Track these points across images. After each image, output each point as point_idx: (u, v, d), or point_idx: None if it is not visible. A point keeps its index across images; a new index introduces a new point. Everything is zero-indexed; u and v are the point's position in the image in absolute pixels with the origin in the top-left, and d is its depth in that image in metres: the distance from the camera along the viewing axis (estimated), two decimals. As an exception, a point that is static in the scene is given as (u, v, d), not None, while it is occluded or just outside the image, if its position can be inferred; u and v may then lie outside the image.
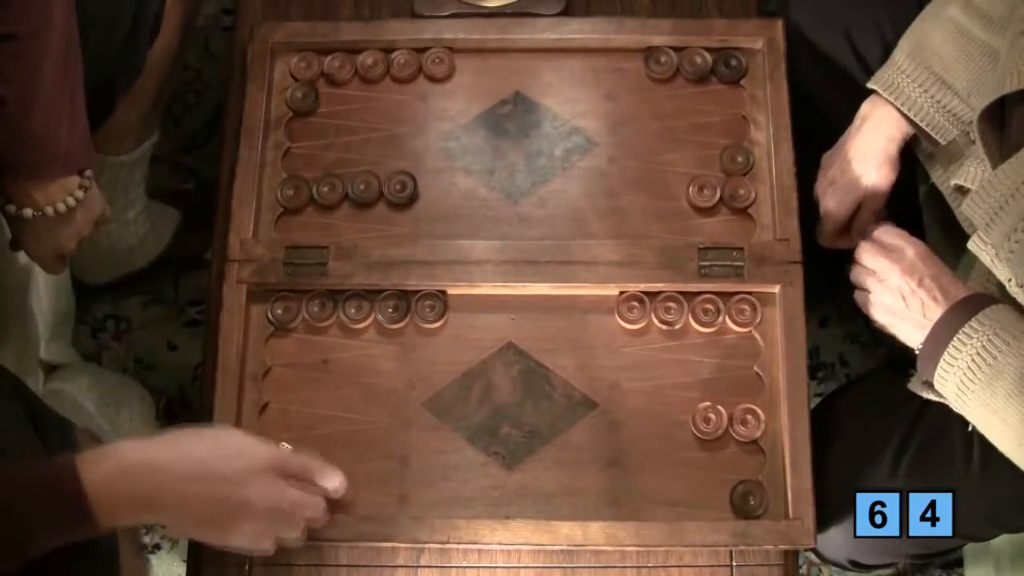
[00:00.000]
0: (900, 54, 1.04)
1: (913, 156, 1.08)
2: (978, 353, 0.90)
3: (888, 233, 1.00)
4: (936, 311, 0.94)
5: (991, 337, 0.89)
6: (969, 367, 0.90)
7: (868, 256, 1.00)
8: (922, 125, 1.02)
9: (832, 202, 1.08)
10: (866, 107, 1.07)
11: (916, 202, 1.20)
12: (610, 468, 1.02)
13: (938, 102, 1.01)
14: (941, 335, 0.93)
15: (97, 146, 1.23)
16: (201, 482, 0.84)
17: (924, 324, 0.95)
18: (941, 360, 0.92)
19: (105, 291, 1.47)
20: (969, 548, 1.28)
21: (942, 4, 1.02)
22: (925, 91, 1.01)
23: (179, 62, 1.26)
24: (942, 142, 1.03)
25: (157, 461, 0.84)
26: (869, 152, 1.06)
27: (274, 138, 1.13)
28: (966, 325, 0.91)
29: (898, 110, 1.03)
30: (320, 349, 1.07)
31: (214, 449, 0.86)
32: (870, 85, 1.05)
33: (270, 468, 0.86)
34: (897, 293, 0.96)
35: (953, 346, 0.91)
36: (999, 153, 0.93)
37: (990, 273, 0.93)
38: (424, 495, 1.02)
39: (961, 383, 0.91)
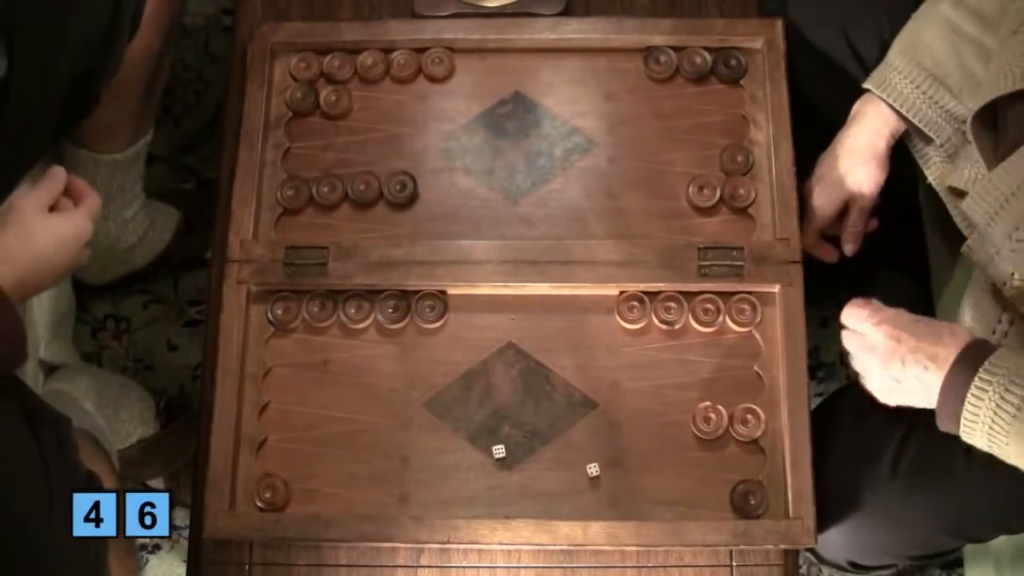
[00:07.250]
0: (893, 52, 1.04)
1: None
2: (997, 408, 0.86)
3: (850, 317, 0.97)
4: (934, 378, 0.91)
5: (1006, 390, 0.86)
6: (992, 426, 0.87)
7: (847, 345, 0.97)
8: (915, 122, 1.02)
9: (819, 199, 1.08)
10: (858, 105, 1.07)
11: (916, 200, 1.20)
12: (610, 468, 1.02)
13: (931, 98, 1.01)
14: (949, 400, 0.90)
15: (90, 144, 1.22)
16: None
17: (929, 394, 0.92)
18: (961, 421, 0.89)
19: (105, 291, 1.47)
20: (969, 548, 1.28)
21: (935, 1, 1.03)
22: (917, 87, 1.01)
23: (165, 61, 1.25)
24: (936, 140, 1.03)
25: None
26: (856, 148, 1.06)
27: (274, 138, 1.13)
28: (972, 385, 0.88)
29: (891, 107, 1.03)
30: (320, 349, 1.07)
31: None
32: (865, 85, 1.05)
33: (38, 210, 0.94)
34: (888, 379, 0.94)
35: (968, 409, 0.88)
36: (994, 153, 0.92)
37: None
38: (424, 495, 1.02)
39: (990, 437, 0.88)
